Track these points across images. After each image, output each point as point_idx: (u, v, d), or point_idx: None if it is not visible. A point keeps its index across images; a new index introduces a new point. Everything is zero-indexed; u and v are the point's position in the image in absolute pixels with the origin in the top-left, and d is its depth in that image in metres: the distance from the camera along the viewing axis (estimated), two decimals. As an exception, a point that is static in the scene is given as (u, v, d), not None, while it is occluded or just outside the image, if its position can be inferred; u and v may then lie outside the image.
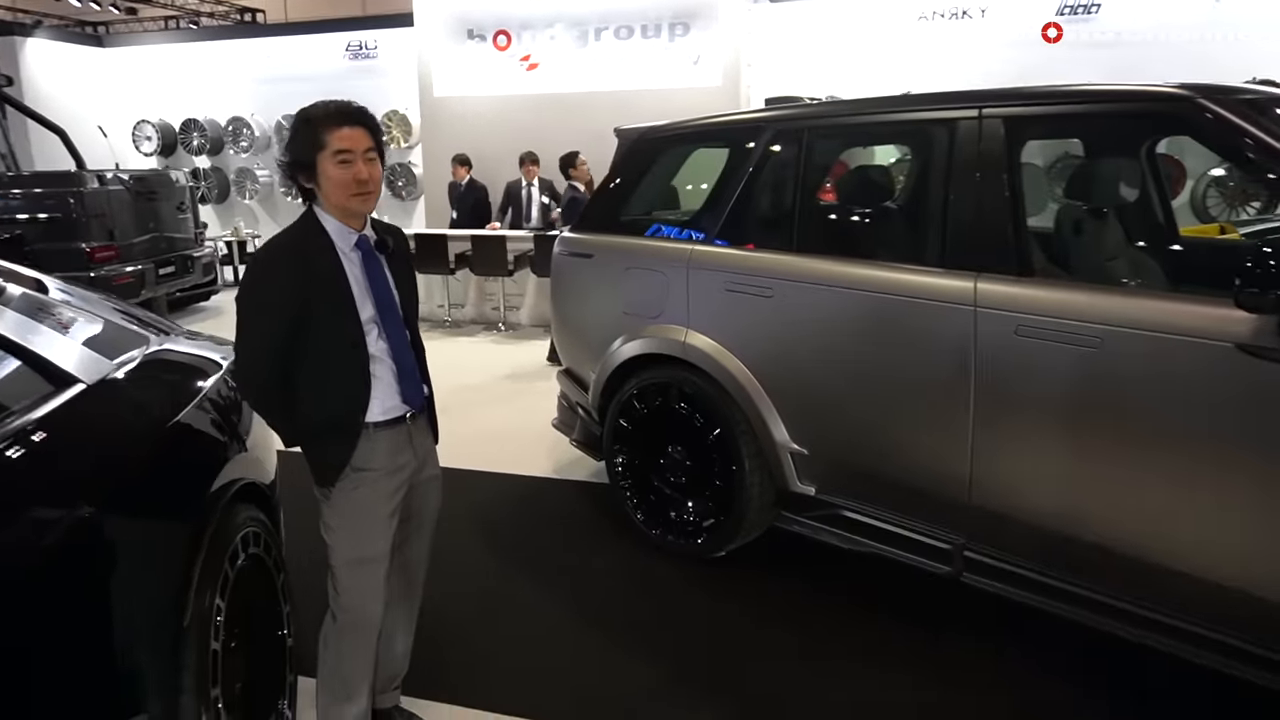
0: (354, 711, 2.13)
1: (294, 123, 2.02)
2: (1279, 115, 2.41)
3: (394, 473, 2.12)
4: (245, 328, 2.02)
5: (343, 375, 2.04)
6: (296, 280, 1.98)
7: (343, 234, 2.05)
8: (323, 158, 1.97)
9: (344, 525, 2.07)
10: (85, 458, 1.64)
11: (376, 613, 2.12)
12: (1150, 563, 2.29)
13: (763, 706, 2.54)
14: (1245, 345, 2.05)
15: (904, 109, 3.12)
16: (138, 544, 1.61)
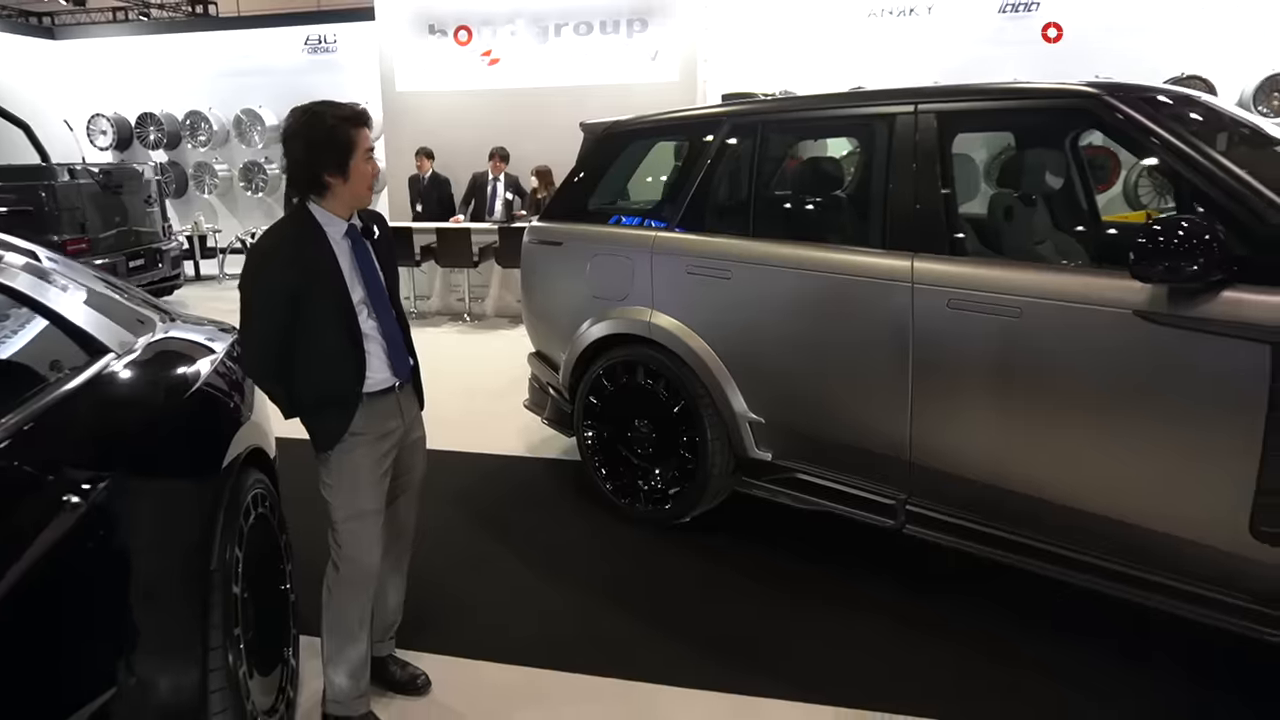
0: (357, 652, 2.35)
1: (319, 128, 2.15)
2: (1179, 112, 2.73)
3: (385, 436, 2.34)
4: (249, 312, 2.22)
5: (338, 352, 2.24)
6: (294, 268, 2.17)
7: (333, 224, 2.25)
8: (357, 156, 2.20)
9: (342, 484, 2.28)
10: (130, 416, 1.84)
11: (374, 561, 2.34)
12: (1066, 507, 2.59)
13: (727, 646, 2.81)
14: (1141, 311, 2.35)
15: (850, 105, 3.39)
16: (175, 492, 1.82)
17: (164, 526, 1.74)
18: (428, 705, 2.55)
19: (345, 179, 2.20)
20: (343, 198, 2.23)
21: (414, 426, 2.48)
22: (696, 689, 2.60)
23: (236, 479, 2.16)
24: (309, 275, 2.19)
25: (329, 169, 2.19)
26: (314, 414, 2.28)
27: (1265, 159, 2.79)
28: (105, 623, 1.54)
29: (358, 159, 2.19)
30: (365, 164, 2.21)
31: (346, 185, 2.21)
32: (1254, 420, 2.20)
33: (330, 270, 2.22)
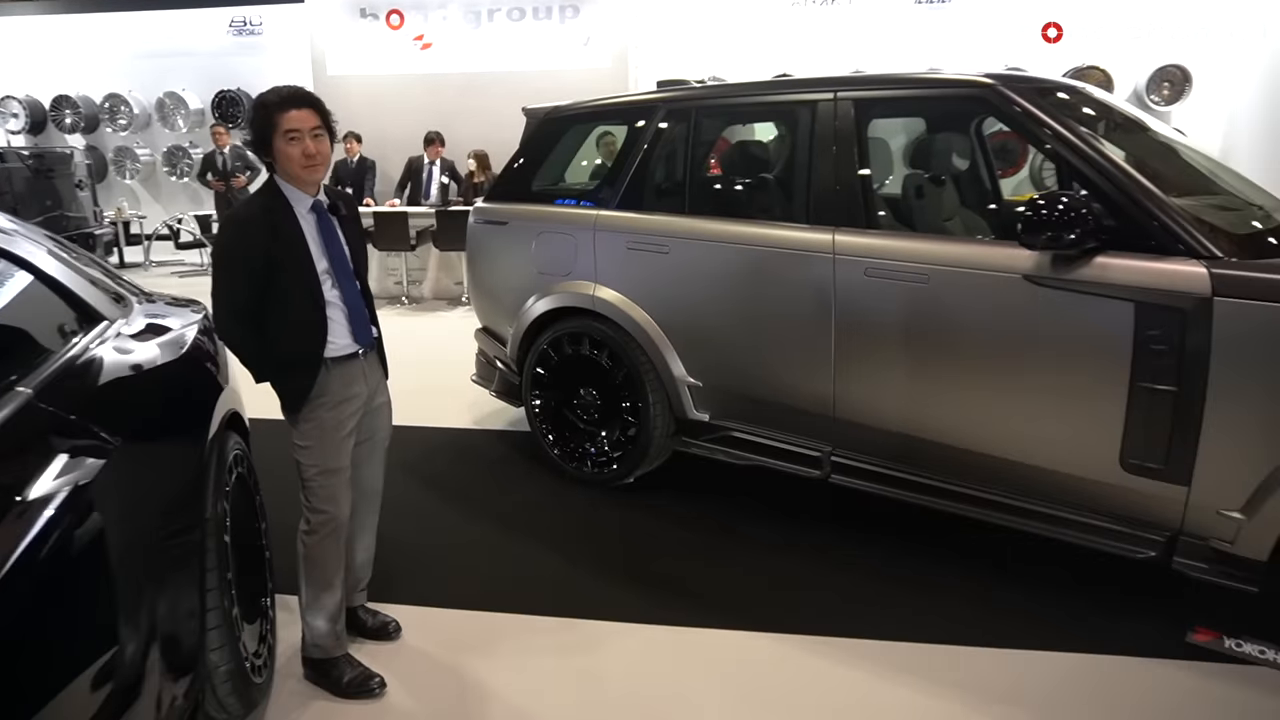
0: (333, 599, 2.54)
1: (252, 107, 2.40)
2: (1063, 102, 3.08)
3: (349, 400, 2.51)
4: (221, 279, 2.39)
5: (303, 319, 2.41)
6: (263, 239, 2.34)
7: (299, 199, 2.41)
8: (275, 137, 2.34)
9: (312, 443, 2.46)
10: (139, 378, 2.01)
11: (345, 513, 2.52)
12: (971, 451, 2.93)
13: (669, 587, 3.08)
14: (1029, 275, 2.69)
15: (776, 91, 3.67)
16: (178, 447, 1.99)
17: (169, 478, 1.92)
18: (398, 648, 2.76)
19: (274, 159, 2.37)
20: (284, 175, 2.39)
21: (378, 392, 2.67)
22: (642, 623, 2.87)
23: (221, 439, 2.33)
24: (279, 244, 2.35)
25: (259, 149, 2.39)
26: (282, 377, 2.45)
27: (1135, 144, 3.17)
28: (124, 564, 1.71)
29: (277, 140, 2.33)
30: (287, 145, 2.33)
31: (279, 165, 2.38)
32: (1122, 367, 2.56)
33: (297, 240, 2.38)
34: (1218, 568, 2.53)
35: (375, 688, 2.52)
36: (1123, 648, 2.66)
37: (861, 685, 2.53)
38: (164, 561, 1.87)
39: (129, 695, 1.58)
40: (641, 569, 3.23)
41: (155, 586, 1.79)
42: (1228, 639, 2.65)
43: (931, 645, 2.71)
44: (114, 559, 1.64)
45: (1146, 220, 2.56)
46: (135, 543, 1.75)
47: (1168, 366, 2.49)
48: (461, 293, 8.69)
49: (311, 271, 2.40)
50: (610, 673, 2.63)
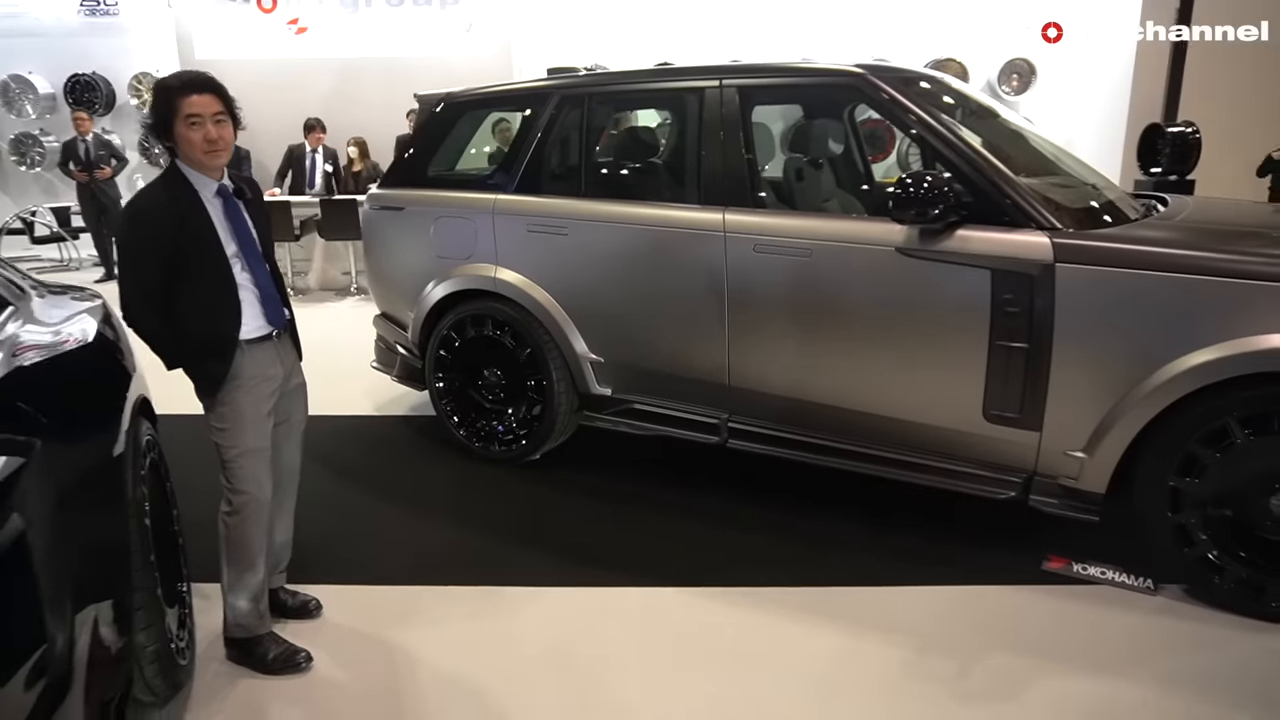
0: (255, 579, 2.57)
1: (153, 91, 2.42)
2: (926, 90, 3.38)
3: (266, 381, 2.55)
4: (128, 267, 2.39)
5: (215, 302, 2.43)
6: (169, 224, 2.35)
7: (203, 183, 2.43)
8: (176, 121, 2.35)
9: (231, 425, 2.48)
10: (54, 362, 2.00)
11: (266, 494, 2.56)
12: (853, 410, 3.20)
13: (581, 552, 3.24)
14: (900, 248, 2.97)
15: (666, 79, 3.85)
16: (96, 432, 2.00)
17: (89, 463, 1.93)
18: (320, 625, 2.82)
19: (175, 144, 2.38)
20: (186, 160, 2.40)
21: (294, 374, 2.71)
22: (556, 587, 3.01)
23: (135, 424, 2.33)
24: (186, 230, 2.36)
25: (159, 134, 2.40)
26: (196, 361, 2.46)
27: (989, 129, 3.51)
28: (54, 548, 1.72)
29: (178, 125, 2.34)
30: (188, 130, 2.34)
31: (180, 150, 2.38)
32: (982, 328, 2.87)
33: (204, 225, 2.39)
34: (1066, 502, 2.89)
35: (302, 662, 2.57)
36: (990, 579, 2.98)
37: (765, 628, 2.75)
38: (91, 544, 1.89)
39: (62, 688, 1.59)
40: (553, 537, 3.37)
41: (84, 569, 1.81)
42: (1076, 564, 3.02)
43: (825, 588, 2.96)
44: (44, 542, 1.66)
45: (999, 197, 2.87)
46: (64, 527, 1.76)
47: (1020, 326, 2.81)
48: (349, 283, 8.55)
49: (221, 255, 2.42)
50: (530, 634, 2.76)
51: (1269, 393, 2.52)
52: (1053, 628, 2.72)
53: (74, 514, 1.82)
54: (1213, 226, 3.15)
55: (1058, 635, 2.68)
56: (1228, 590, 2.71)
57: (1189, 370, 2.57)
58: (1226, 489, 2.64)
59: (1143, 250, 2.68)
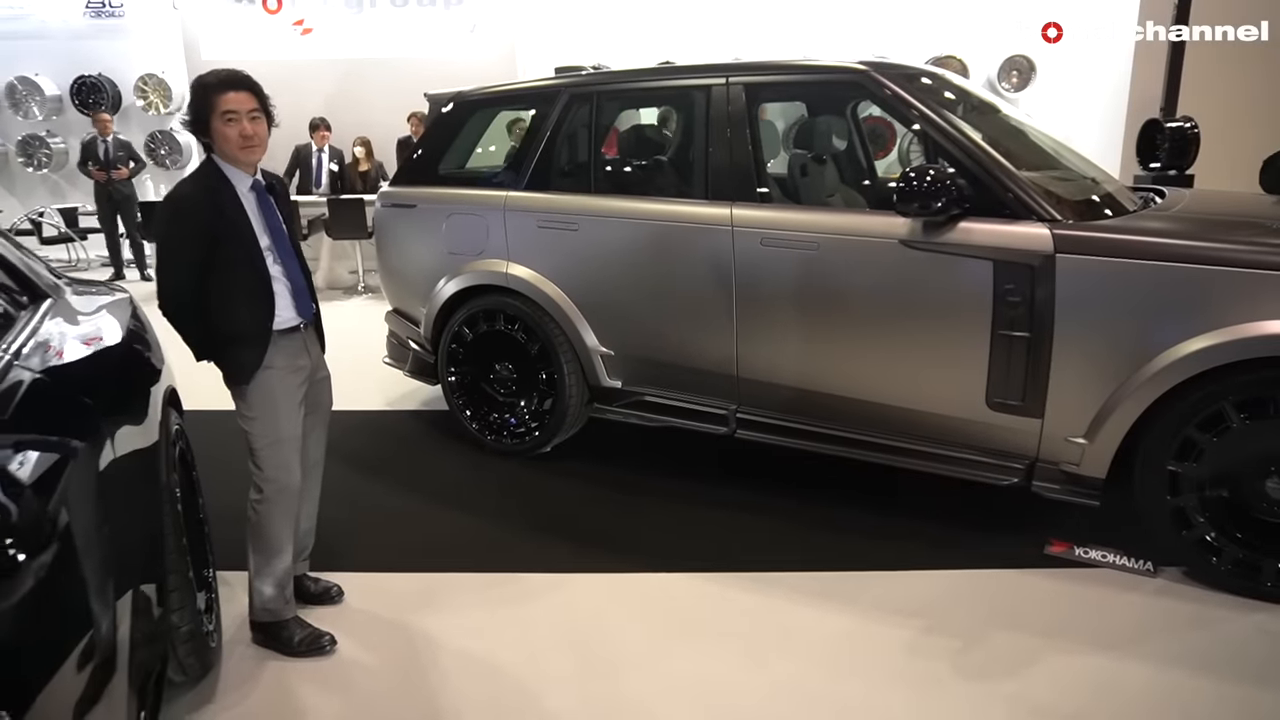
0: (281, 565, 2.65)
1: (191, 88, 2.51)
2: (929, 86, 3.46)
3: (296, 371, 2.64)
4: (167, 258, 2.48)
5: (250, 293, 2.51)
6: (207, 216, 2.44)
7: (239, 178, 2.52)
8: (213, 118, 2.45)
9: (262, 413, 2.56)
10: (99, 350, 2.08)
11: (295, 481, 2.64)
12: (860, 400, 3.28)
13: (593, 540, 3.31)
14: (904, 240, 3.05)
15: (673, 77, 3.92)
16: (136, 418, 2.08)
17: (128, 452, 2.00)
18: (342, 610, 2.89)
19: (211, 139, 2.46)
20: (222, 155, 2.49)
21: (320, 365, 2.79)
22: (569, 573, 3.09)
23: (164, 415, 2.41)
24: (223, 220, 2.44)
25: (197, 130, 2.48)
26: (228, 350, 2.53)
27: (990, 124, 3.58)
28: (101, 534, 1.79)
29: (215, 121, 2.43)
30: (224, 125, 2.43)
31: (216, 145, 2.47)
32: (985, 318, 2.94)
33: (240, 217, 2.48)
34: (1068, 487, 2.96)
35: (326, 645, 2.65)
36: (994, 563, 3.06)
37: (777, 612, 2.83)
38: (130, 529, 1.96)
39: (109, 667, 1.65)
40: (565, 525, 3.45)
41: (125, 553, 1.89)
42: (1078, 548, 3.09)
43: (834, 573, 3.04)
44: (90, 527, 1.73)
45: (1001, 190, 2.95)
46: (107, 512, 1.84)
47: (1022, 316, 2.88)
48: (356, 281, 8.62)
49: (256, 247, 2.50)
50: (545, 618, 2.84)
51: (1264, 377, 2.59)
52: (1056, 609, 2.79)
53: (116, 500, 1.90)
54: (1209, 217, 3.22)
55: (1061, 616, 2.75)
56: (1225, 571, 2.78)
57: (1186, 357, 2.64)
58: (1223, 472, 2.72)
59: (1140, 240, 2.75)
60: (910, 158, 9.52)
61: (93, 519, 1.64)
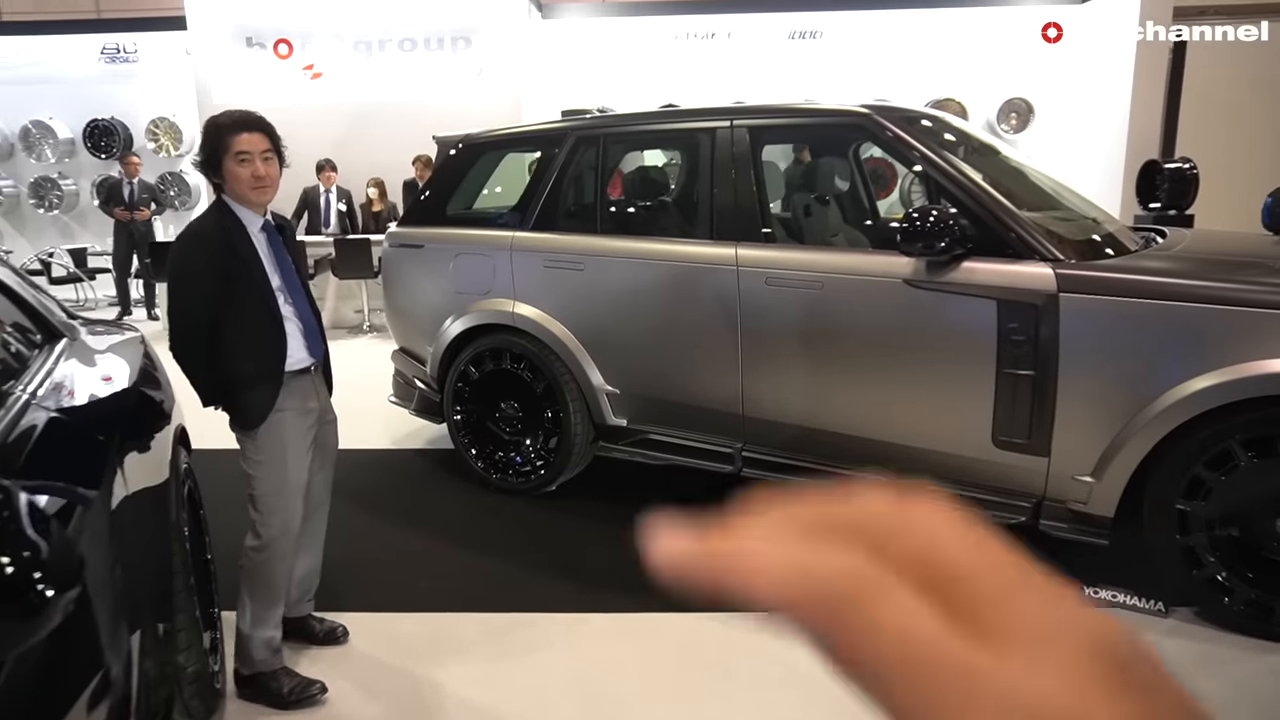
0: (278, 614, 2.62)
1: (204, 129, 2.54)
2: (929, 129, 3.51)
3: (306, 414, 2.64)
4: (180, 299, 2.50)
5: (262, 334, 2.51)
6: (219, 257, 2.44)
7: (250, 218, 2.53)
8: (226, 158, 2.46)
9: (270, 458, 2.55)
10: (117, 388, 2.10)
11: (296, 528, 2.62)
12: (865, 438, 3.28)
13: (600, 579, 3.29)
14: (908, 280, 3.08)
15: (678, 120, 3.99)
16: (152, 454, 2.09)
17: (140, 491, 2.02)
18: (347, 651, 2.88)
19: (224, 179, 2.47)
20: (234, 195, 2.50)
21: (327, 408, 2.79)
22: (577, 612, 3.07)
23: (174, 453, 2.42)
24: (236, 259, 2.45)
25: (209, 170, 2.50)
26: (241, 392, 2.51)
27: (991, 165, 3.63)
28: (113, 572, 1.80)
29: (228, 161, 2.44)
30: (237, 166, 2.44)
31: (228, 185, 2.48)
32: (989, 356, 2.96)
33: (252, 256, 2.49)
34: (1076, 526, 2.95)
35: (317, 694, 2.59)
36: (1002, 603, 3.03)
37: (781, 650, 2.80)
38: (141, 567, 1.97)
39: (122, 709, 1.65)
40: (571, 564, 3.44)
41: (136, 591, 1.89)
42: (1087, 588, 3.07)
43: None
44: (104, 565, 1.74)
45: (1003, 230, 2.98)
46: (119, 550, 1.85)
47: (1026, 354, 2.90)
48: (361, 320, 8.67)
49: (267, 286, 2.51)
50: (551, 659, 2.82)
51: (1270, 416, 2.60)
52: (1066, 649, 2.77)
53: (128, 538, 1.90)
54: (1210, 257, 3.25)
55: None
56: (1237, 611, 2.76)
57: (1191, 395, 2.65)
58: (1232, 511, 2.71)
59: (1143, 280, 2.78)
60: (911, 198, 9.62)
61: (107, 557, 1.64)
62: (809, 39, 10.14)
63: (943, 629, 0.23)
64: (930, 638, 0.23)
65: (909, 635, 0.23)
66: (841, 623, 0.24)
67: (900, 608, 0.24)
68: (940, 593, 0.24)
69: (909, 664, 0.23)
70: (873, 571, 0.24)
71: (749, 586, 0.26)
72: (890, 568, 0.25)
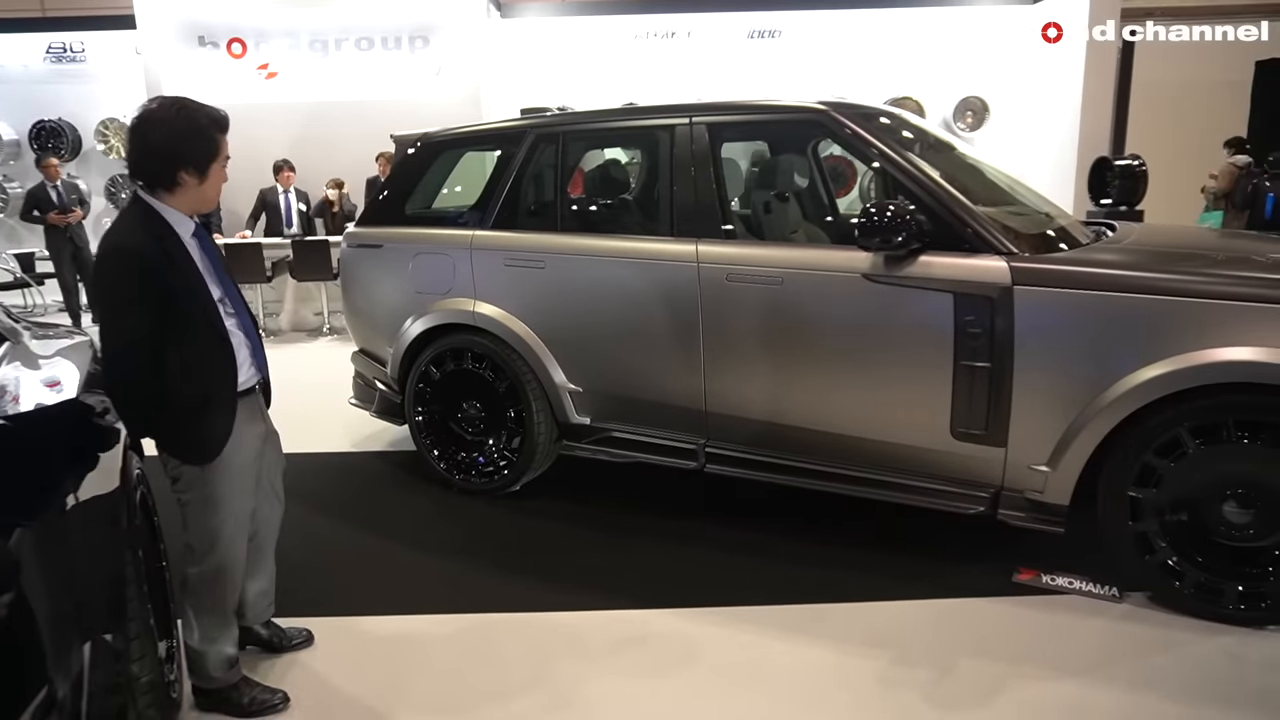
0: (233, 631, 2.53)
1: (191, 125, 2.20)
2: (886, 125, 3.55)
3: (254, 438, 2.47)
4: (117, 322, 2.15)
5: (210, 352, 2.27)
6: (156, 268, 2.16)
7: (182, 223, 2.27)
8: (219, 161, 2.27)
9: (218, 488, 2.34)
10: (52, 397, 2.04)
11: (244, 552, 2.50)
12: (826, 432, 3.31)
13: (559, 577, 3.28)
14: (867, 274, 3.10)
15: (637, 117, 3.98)
16: (102, 460, 2.04)
17: (90, 499, 1.96)
18: (310, 656, 2.83)
19: (201, 180, 2.25)
20: (190, 198, 2.26)
21: (270, 425, 2.63)
22: (539, 611, 3.05)
23: (125, 459, 2.36)
24: (174, 271, 2.19)
25: (189, 167, 2.22)
26: (191, 423, 2.27)
27: (947, 162, 3.68)
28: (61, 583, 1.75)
29: (218, 164, 2.27)
30: (222, 169, 2.29)
31: (200, 187, 2.25)
32: (947, 349, 3.00)
33: (189, 267, 2.24)
34: (1033, 515, 3.00)
35: (279, 703, 2.52)
36: (963, 592, 3.08)
37: (749, 646, 2.82)
38: (91, 575, 1.92)
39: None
40: (535, 564, 3.42)
41: (85, 601, 1.84)
42: (1045, 575, 3.13)
43: (805, 605, 3.04)
44: (50, 576, 1.69)
45: (959, 225, 3.02)
46: (68, 559, 1.80)
47: (983, 346, 2.94)
48: (321, 323, 8.56)
49: (209, 300, 2.27)
50: (515, 659, 2.79)
51: (1217, 403, 2.66)
52: (1024, 637, 2.82)
53: (76, 547, 1.86)
54: (1158, 249, 3.32)
55: (1029, 644, 2.77)
56: (1188, 595, 2.83)
57: (1140, 385, 2.71)
58: (1182, 497, 2.78)
59: (1094, 272, 2.84)
60: (871, 195, 9.72)
61: (50, 568, 1.60)
62: (768, 38, 10.21)
63: None
64: None
65: None
66: None
67: None
68: None
69: None
70: None
71: None
72: None
